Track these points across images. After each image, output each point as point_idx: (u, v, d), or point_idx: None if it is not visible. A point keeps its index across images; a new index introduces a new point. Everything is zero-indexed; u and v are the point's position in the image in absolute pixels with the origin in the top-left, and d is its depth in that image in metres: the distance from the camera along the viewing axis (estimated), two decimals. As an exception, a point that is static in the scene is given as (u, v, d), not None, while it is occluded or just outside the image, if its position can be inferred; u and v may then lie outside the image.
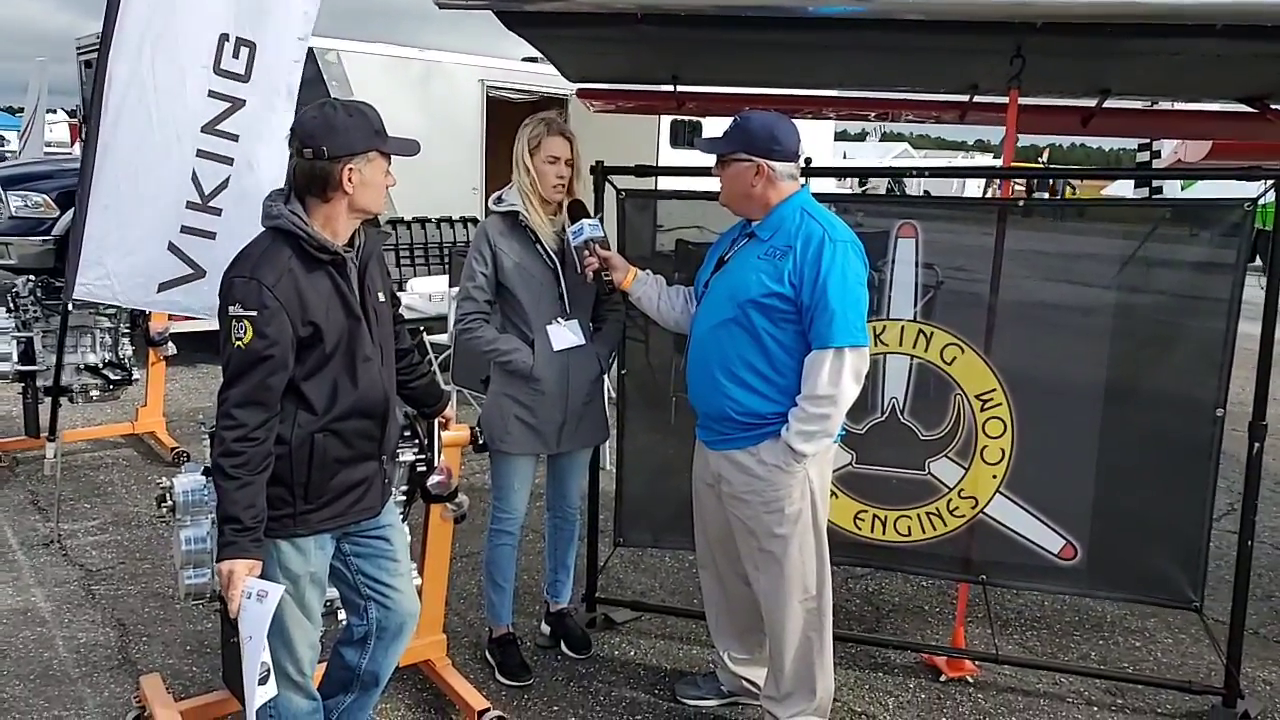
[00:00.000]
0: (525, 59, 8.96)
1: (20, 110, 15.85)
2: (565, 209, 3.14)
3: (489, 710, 2.94)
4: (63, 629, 3.57)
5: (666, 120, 9.18)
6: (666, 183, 3.85)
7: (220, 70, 3.43)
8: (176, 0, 3.41)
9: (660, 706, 3.18)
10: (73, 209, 3.70)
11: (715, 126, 2.88)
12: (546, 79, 8.45)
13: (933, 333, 3.31)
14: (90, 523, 4.57)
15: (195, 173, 3.50)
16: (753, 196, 2.73)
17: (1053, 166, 22.19)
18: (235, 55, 3.44)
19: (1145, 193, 11.94)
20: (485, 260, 3.11)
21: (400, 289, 7.65)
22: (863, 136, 37.64)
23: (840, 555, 3.16)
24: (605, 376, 3.38)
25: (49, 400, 4.78)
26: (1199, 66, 3.48)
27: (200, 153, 3.49)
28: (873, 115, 5.43)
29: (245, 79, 3.47)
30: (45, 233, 7.90)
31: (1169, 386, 3.25)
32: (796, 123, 2.79)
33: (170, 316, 5.25)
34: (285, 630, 2.27)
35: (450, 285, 6.34)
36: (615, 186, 3.49)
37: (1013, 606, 3.95)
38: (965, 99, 4.53)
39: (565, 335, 3.15)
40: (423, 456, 2.79)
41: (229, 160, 3.51)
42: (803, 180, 2.81)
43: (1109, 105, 4.34)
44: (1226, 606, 3.20)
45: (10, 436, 5.52)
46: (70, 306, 3.82)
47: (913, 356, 3.34)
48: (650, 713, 3.15)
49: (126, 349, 5.47)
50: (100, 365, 5.37)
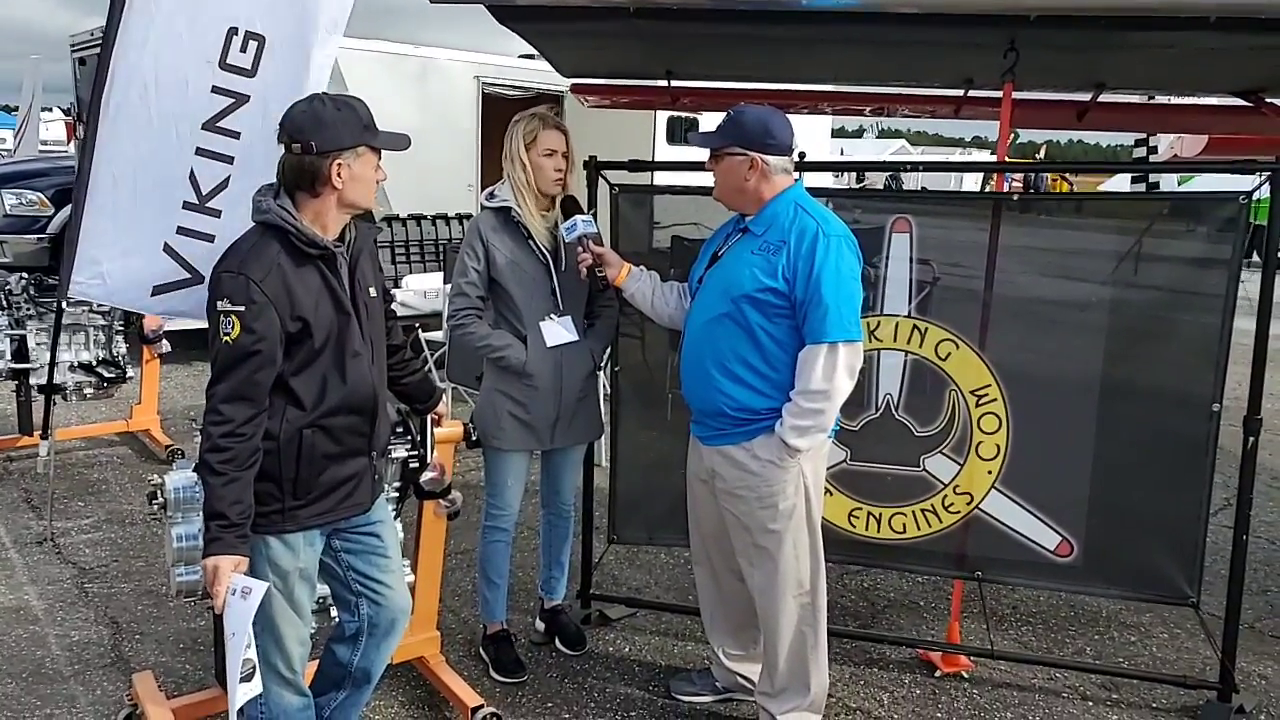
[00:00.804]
0: (521, 56, 8.95)
1: (15, 109, 15.81)
2: (558, 205, 3.13)
3: (483, 707, 2.94)
4: (55, 627, 3.56)
5: (663, 116, 9.15)
6: (662, 178, 3.83)
7: (226, 65, 3.33)
8: None
9: (655, 703, 3.18)
10: (68, 207, 3.66)
11: (711, 122, 2.87)
12: (542, 76, 8.44)
13: (927, 328, 3.30)
14: (84, 521, 4.56)
15: (194, 172, 3.41)
16: (746, 191, 2.72)
17: (1052, 162, 22.18)
18: (243, 49, 3.34)
19: (1142, 188, 11.92)
20: (478, 256, 3.10)
21: (395, 285, 7.64)
22: (860, 133, 37.65)
23: (834, 553, 3.14)
24: (599, 372, 3.37)
25: (43, 398, 4.76)
26: (1194, 60, 3.48)
27: (200, 151, 3.39)
28: (868, 110, 5.42)
29: (251, 74, 3.36)
30: (40, 231, 7.88)
31: (1165, 382, 3.24)
32: (792, 118, 2.78)
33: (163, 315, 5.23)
34: (275, 627, 2.26)
35: (445, 282, 6.32)
36: (609, 182, 3.48)
37: (1008, 602, 3.94)
38: (960, 93, 4.52)
39: (558, 331, 3.14)
40: (415, 453, 2.79)
41: (229, 159, 3.42)
42: (797, 175, 2.80)
43: (1104, 99, 4.33)
44: (1222, 601, 3.20)
45: (4, 434, 5.51)
46: (64, 304, 3.80)
47: (907, 352, 3.33)
48: (645, 709, 3.15)
49: (121, 347, 5.46)
50: (94, 363, 5.36)
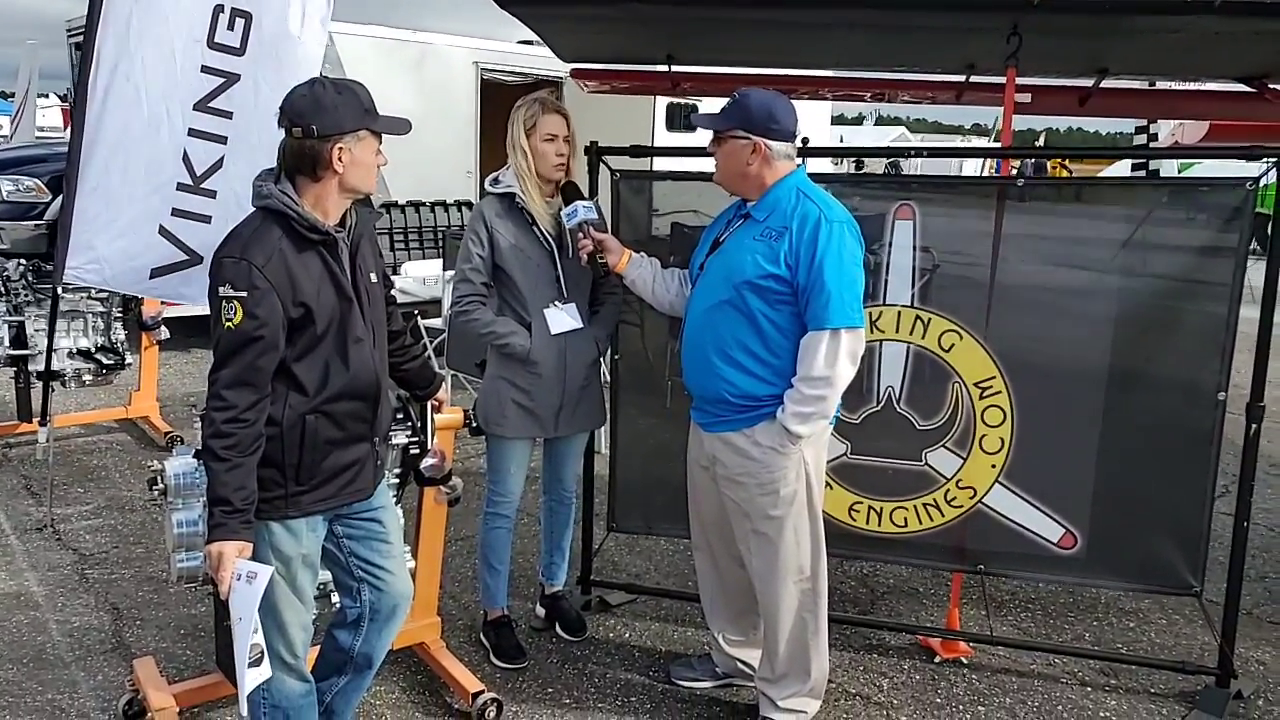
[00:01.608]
0: (520, 41, 8.90)
1: (11, 95, 15.73)
2: (560, 190, 3.11)
3: (483, 692, 2.94)
4: (56, 613, 3.56)
5: (662, 103, 9.12)
6: (662, 164, 3.81)
7: (214, 44, 3.30)
8: None
9: (655, 688, 3.19)
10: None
11: (711, 108, 2.86)
12: (541, 61, 8.40)
13: (930, 319, 3.28)
14: (83, 507, 4.56)
15: (187, 153, 3.40)
16: (748, 175, 2.71)
17: (1052, 148, 22.13)
18: (230, 27, 3.30)
19: (1143, 174, 11.88)
20: (482, 242, 3.08)
21: (394, 273, 7.62)
22: (860, 120, 37.55)
23: (835, 547, 3.14)
24: (602, 360, 3.36)
25: (41, 385, 4.76)
26: (1197, 45, 3.45)
27: (192, 131, 3.37)
28: (869, 95, 5.39)
29: (240, 52, 3.33)
30: (37, 217, 7.84)
31: (1170, 371, 3.21)
32: (797, 103, 2.75)
33: (163, 300, 5.22)
34: (278, 612, 2.26)
35: (444, 269, 6.30)
36: (610, 168, 3.46)
37: (1007, 588, 3.95)
38: (962, 79, 4.50)
39: (562, 319, 3.12)
40: (416, 439, 2.78)
41: (223, 139, 3.40)
42: (799, 161, 2.79)
43: (1106, 85, 4.31)
44: (1221, 587, 3.20)
45: (3, 421, 5.50)
46: (61, 290, 3.78)
47: (909, 343, 3.31)
48: (645, 694, 3.15)
49: (119, 333, 5.45)
50: (93, 349, 5.35)
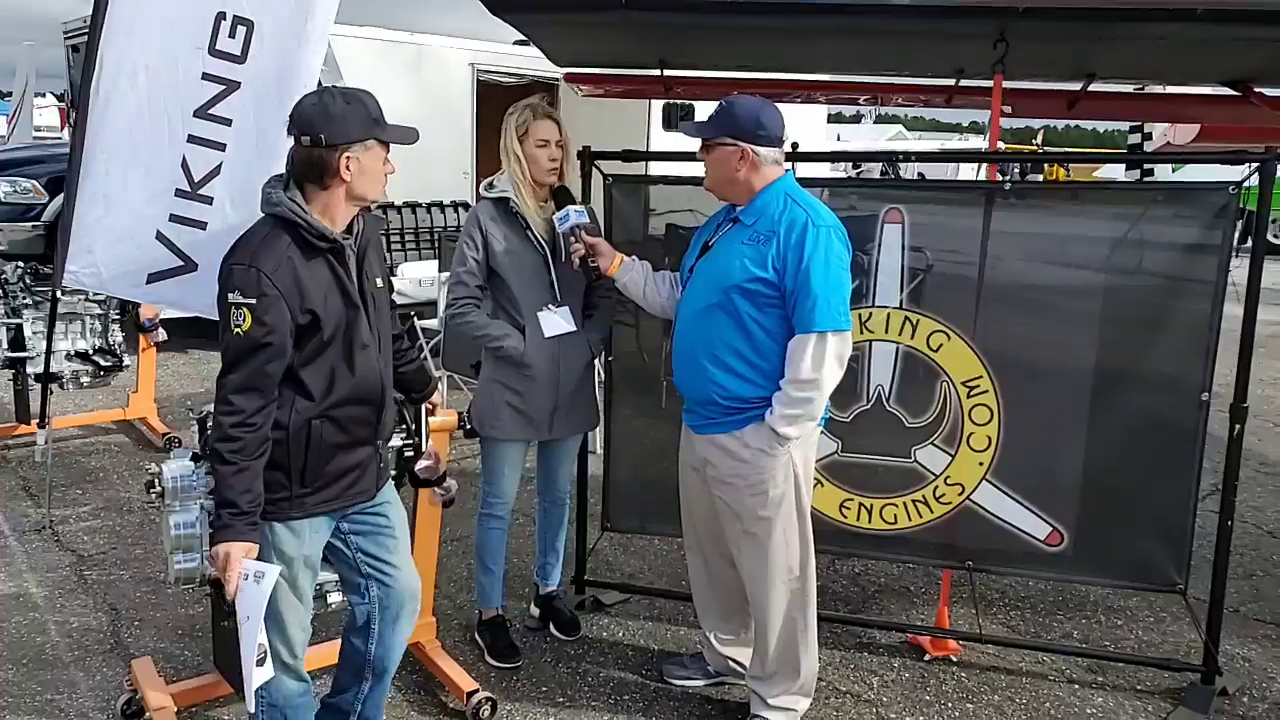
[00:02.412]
0: (516, 42, 8.92)
1: (9, 95, 15.74)
2: (552, 195, 3.14)
3: (478, 691, 2.98)
4: (55, 614, 3.59)
5: (658, 103, 9.14)
6: (658, 167, 3.84)
7: (215, 51, 3.31)
8: None
9: (648, 687, 3.22)
10: (62, 194, 3.66)
11: (707, 110, 2.89)
12: (537, 63, 8.40)
13: (919, 319, 3.32)
14: (82, 509, 4.59)
15: (185, 159, 3.41)
16: (737, 181, 2.74)
17: (1044, 150, 22.19)
18: (231, 35, 3.32)
19: (1136, 176, 11.94)
20: (476, 245, 3.12)
21: (391, 274, 7.65)
22: (858, 119, 37.49)
23: (825, 544, 3.18)
24: (596, 363, 3.40)
25: (39, 387, 4.78)
26: (1183, 51, 3.50)
27: (192, 138, 3.39)
28: (861, 99, 5.43)
29: (241, 60, 3.34)
30: (35, 218, 7.87)
31: (1155, 370, 3.25)
32: (788, 106, 2.79)
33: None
34: (278, 613, 2.29)
35: (440, 270, 6.33)
36: (602, 172, 3.49)
37: (996, 587, 3.99)
38: (952, 83, 4.54)
39: (556, 322, 3.16)
40: (410, 442, 2.81)
41: (221, 146, 3.42)
42: (787, 166, 2.82)
43: (1095, 89, 4.34)
44: (1207, 585, 3.24)
45: (1, 423, 5.53)
46: (59, 293, 3.80)
47: (899, 344, 3.35)
48: (638, 693, 3.19)
49: (117, 335, 5.47)
50: (91, 351, 5.37)
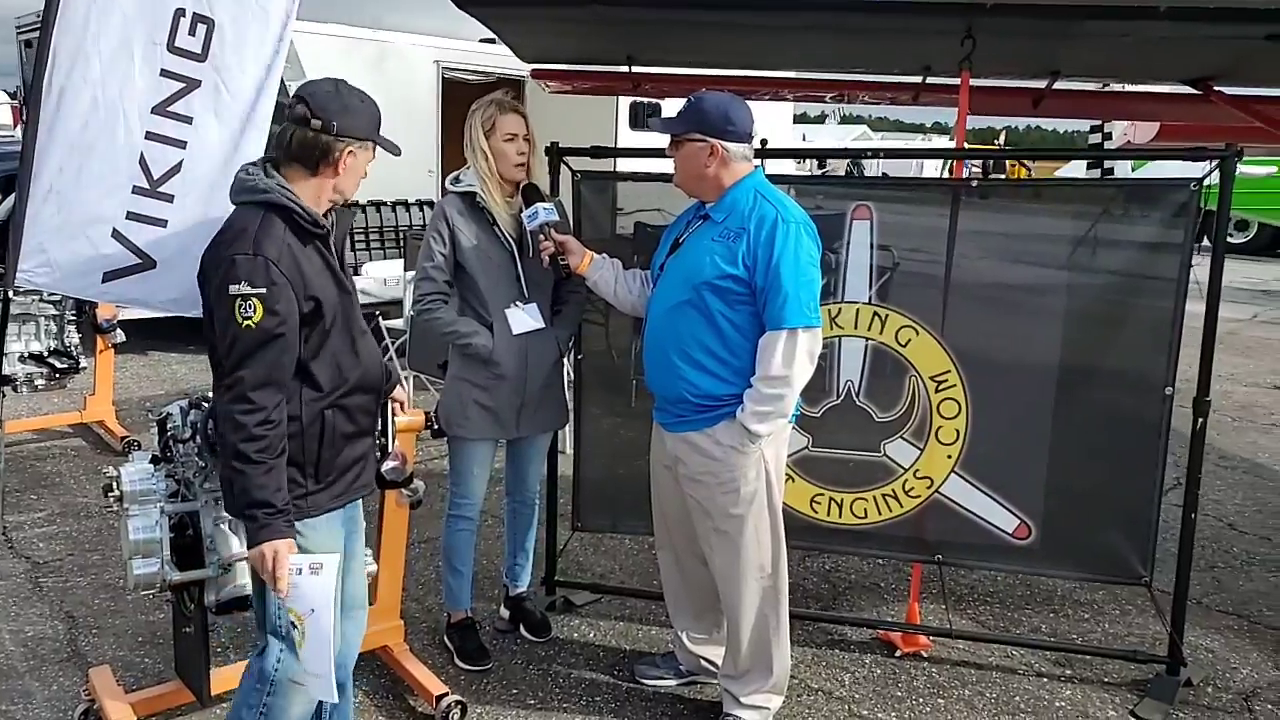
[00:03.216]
0: (482, 40, 8.86)
1: (-41, 91, 15.37)
2: (520, 191, 3.11)
3: (447, 695, 2.94)
4: (9, 622, 3.49)
5: (625, 101, 9.12)
6: (625, 165, 3.82)
7: (174, 48, 3.29)
8: None
9: (620, 687, 3.20)
10: (15, 193, 3.58)
11: (675, 108, 2.88)
12: (503, 60, 8.36)
13: (888, 315, 3.33)
14: (37, 514, 4.47)
15: (144, 156, 3.37)
16: (706, 178, 2.73)
17: (1008, 148, 22.47)
18: (191, 32, 3.29)
19: (1098, 174, 12.12)
20: (443, 240, 3.07)
21: (355, 273, 7.56)
22: (822, 119, 37.74)
23: (797, 539, 3.18)
24: (565, 360, 3.37)
25: (-8, 390, 4.65)
26: (1145, 49, 3.54)
27: (150, 135, 3.35)
28: (829, 97, 5.44)
29: (201, 58, 3.32)
30: (-14, 218, 7.65)
31: (1120, 365, 3.30)
32: (756, 104, 2.79)
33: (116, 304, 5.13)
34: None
35: (405, 269, 6.27)
36: (571, 168, 3.46)
37: (966, 582, 4.02)
38: (919, 80, 4.56)
39: (524, 319, 3.12)
40: (377, 442, 2.76)
41: (182, 144, 3.38)
42: (756, 162, 2.81)
43: (1059, 87, 4.39)
44: (1171, 578, 3.28)
45: (-47, 427, 5.38)
46: (11, 294, 3.71)
47: (868, 339, 3.36)
48: (610, 693, 3.17)
49: (73, 336, 5.35)
50: (46, 353, 5.25)
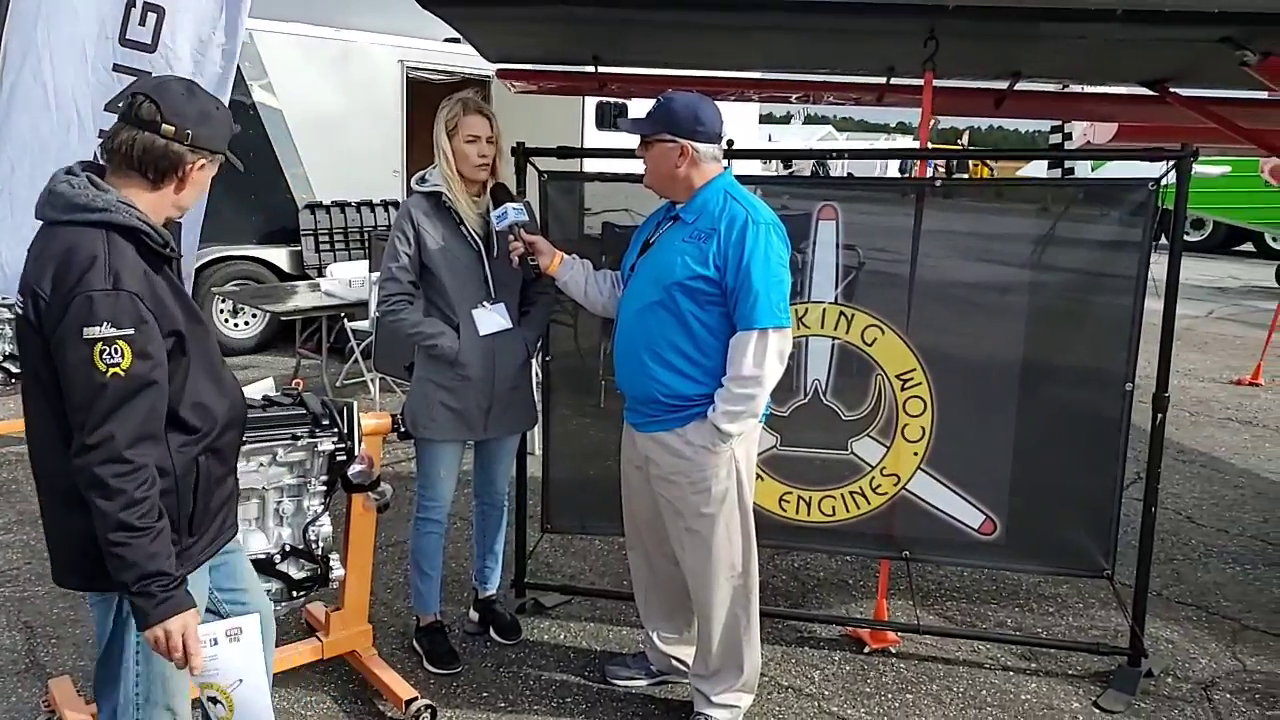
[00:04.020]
0: (447, 40, 8.80)
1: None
2: (489, 192, 3.09)
3: (416, 699, 2.91)
4: (-36, 634, 3.42)
5: (591, 101, 9.12)
6: (592, 165, 3.82)
7: (126, 40, 3.22)
8: None
9: (590, 689, 3.19)
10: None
11: (641, 108, 2.87)
12: (468, 60, 8.32)
13: (853, 314, 3.36)
14: (-7, 522, 4.38)
15: (97, 156, 3.31)
16: (677, 178, 2.74)
17: (971, 148, 22.76)
18: (141, 22, 3.23)
19: (1058, 174, 12.31)
20: (409, 240, 3.04)
21: (320, 274, 7.48)
22: (788, 119, 37.96)
23: (766, 538, 3.19)
24: (533, 361, 3.35)
25: (-55, 396, 4.55)
26: (1103, 51, 3.60)
27: (103, 133, 3.29)
28: (794, 97, 5.48)
29: (151, 48, 3.26)
30: (-63, 220, 7.47)
31: (1081, 362, 3.36)
32: (721, 105, 2.79)
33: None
34: (166, 679, 2.00)
35: (370, 270, 6.21)
36: (537, 169, 3.45)
37: (934, 578, 4.06)
38: (883, 81, 4.60)
39: (491, 319, 3.11)
40: (342, 445, 2.74)
41: None
42: (726, 163, 2.82)
43: (1021, 88, 4.45)
44: (1133, 570, 3.34)
45: (-96, 434, 5.25)
46: (-36, 297, 3.64)
47: (834, 338, 3.39)
48: (580, 695, 3.16)
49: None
50: (2, 358, 5.14)
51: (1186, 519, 4.91)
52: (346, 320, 6.36)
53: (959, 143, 31.87)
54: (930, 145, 4.66)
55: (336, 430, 2.74)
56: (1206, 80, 4.17)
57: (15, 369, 5.12)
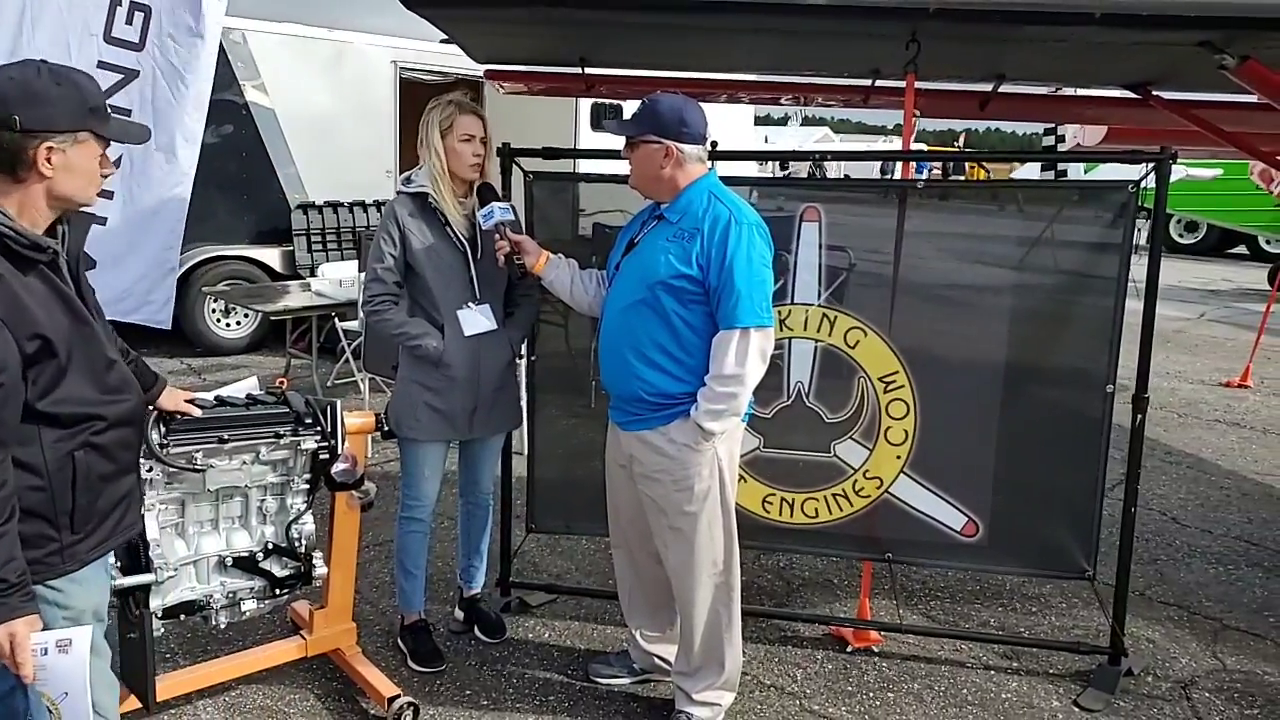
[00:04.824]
0: (442, 40, 8.81)
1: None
2: (475, 192, 3.11)
3: (399, 697, 2.93)
4: (-50, 632, 3.42)
5: (585, 102, 9.14)
6: (587, 165, 3.83)
7: (111, 38, 3.23)
8: None
9: (573, 687, 3.21)
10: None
11: (632, 110, 2.89)
12: (461, 61, 8.32)
13: (836, 317, 3.38)
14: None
15: None
16: (662, 179, 2.76)
17: (952, 150, 22.83)
18: (129, 21, 3.23)
19: (1051, 175, 12.37)
20: (394, 241, 3.06)
21: (311, 274, 7.49)
22: (785, 121, 38.03)
23: (750, 539, 3.20)
24: (519, 361, 3.37)
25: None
26: (1084, 54, 3.62)
27: None
28: (783, 99, 5.50)
29: (139, 47, 3.27)
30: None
31: (1063, 364, 3.37)
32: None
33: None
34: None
35: (360, 270, 6.22)
36: (523, 169, 3.47)
37: (917, 578, 4.08)
38: (869, 83, 4.63)
39: (476, 320, 3.12)
40: (325, 444, 2.76)
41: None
42: (710, 164, 2.84)
43: (1008, 90, 4.48)
44: (1115, 570, 3.36)
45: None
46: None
47: (817, 341, 3.40)
48: (563, 693, 3.17)
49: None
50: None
51: (1171, 520, 4.93)
52: (337, 320, 6.37)
53: (955, 145, 31.94)
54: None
55: (320, 429, 2.76)
56: (1189, 83, 4.20)
57: None
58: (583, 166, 3.83)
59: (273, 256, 8.09)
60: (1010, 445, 3.36)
